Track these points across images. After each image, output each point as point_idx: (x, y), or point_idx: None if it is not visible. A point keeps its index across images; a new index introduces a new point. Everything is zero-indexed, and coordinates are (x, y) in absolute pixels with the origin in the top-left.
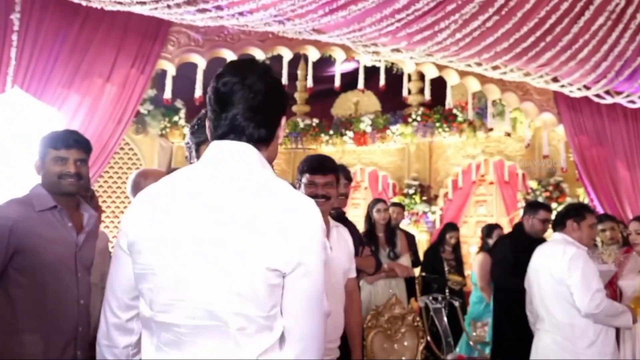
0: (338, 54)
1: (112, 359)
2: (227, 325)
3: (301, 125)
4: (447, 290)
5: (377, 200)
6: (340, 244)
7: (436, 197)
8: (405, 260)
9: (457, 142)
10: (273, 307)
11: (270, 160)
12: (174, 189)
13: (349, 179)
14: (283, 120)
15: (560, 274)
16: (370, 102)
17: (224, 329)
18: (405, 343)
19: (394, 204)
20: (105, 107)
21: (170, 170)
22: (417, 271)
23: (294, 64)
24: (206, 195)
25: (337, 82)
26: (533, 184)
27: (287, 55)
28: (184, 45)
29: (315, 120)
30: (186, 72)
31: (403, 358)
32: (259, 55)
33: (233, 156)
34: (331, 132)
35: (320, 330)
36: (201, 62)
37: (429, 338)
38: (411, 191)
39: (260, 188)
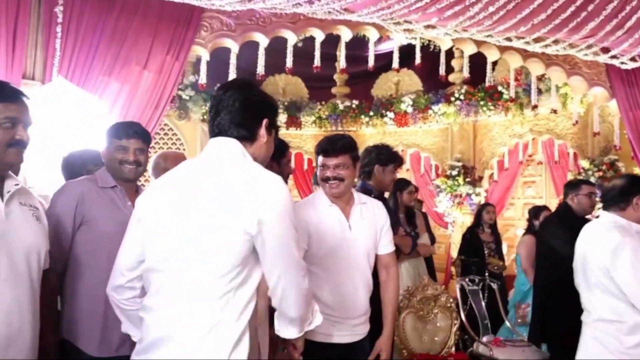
0: (371, 33)
1: (120, 306)
2: (196, 273)
3: (340, 107)
4: (486, 274)
5: (407, 182)
6: (365, 221)
7: (481, 178)
8: (424, 239)
9: (503, 120)
10: (240, 263)
11: (260, 157)
12: (173, 177)
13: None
14: (264, 122)
15: (603, 264)
16: (411, 82)
17: (195, 277)
18: (438, 324)
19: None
20: (143, 94)
21: None
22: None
23: (334, 45)
24: (192, 179)
25: (371, 62)
26: (585, 163)
27: (319, 36)
28: (217, 30)
29: (355, 102)
30: (225, 56)
31: (436, 338)
32: (291, 37)
33: (217, 148)
34: (371, 113)
35: (293, 279)
36: (234, 47)
37: (463, 319)
38: (454, 172)
39: (233, 170)
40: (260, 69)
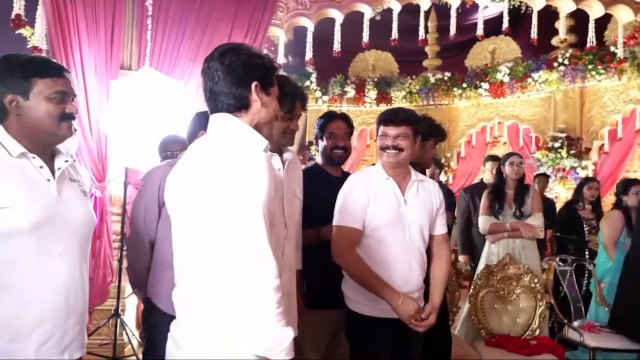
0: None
1: None
2: (193, 267)
3: (432, 80)
4: (587, 253)
5: (510, 154)
6: (420, 198)
7: (588, 150)
8: (534, 220)
9: (617, 85)
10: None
11: (262, 121)
12: (181, 164)
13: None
14: (253, 86)
15: None
16: (508, 49)
17: (193, 271)
18: (521, 305)
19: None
20: None
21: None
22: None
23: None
24: (187, 163)
25: (453, 31)
26: None
27: (396, 7)
28: (293, 10)
29: (447, 74)
30: (317, 34)
31: (517, 320)
32: (367, 11)
33: (212, 128)
34: (464, 85)
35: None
36: (310, 25)
37: (552, 301)
38: (557, 144)
39: (215, 162)
40: (337, 46)
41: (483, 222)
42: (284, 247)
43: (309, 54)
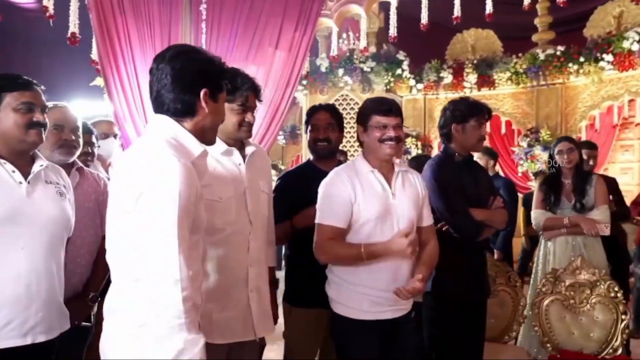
0: None
1: None
2: (115, 256)
3: (541, 56)
4: None
5: (560, 139)
6: (406, 189)
7: None
8: (599, 213)
9: None
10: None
11: (207, 126)
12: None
13: None
14: (202, 94)
15: None
16: (638, 11)
17: (113, 261)
18: (596, 317)
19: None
20: (276, 73)
21: None
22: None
23: None
24: (118, 163)
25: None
26: None
27: None
28: None
29: (560, 48)
30: (410, 12)
31: (591, 335)
32: None
33: (148, 128)
34: (582, 59)
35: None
36: (361, 12)
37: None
38: None
39: (142, 151)
40: (393, 31)
41: (537, 216)
42: (249, 243)
43: (363, 43)
